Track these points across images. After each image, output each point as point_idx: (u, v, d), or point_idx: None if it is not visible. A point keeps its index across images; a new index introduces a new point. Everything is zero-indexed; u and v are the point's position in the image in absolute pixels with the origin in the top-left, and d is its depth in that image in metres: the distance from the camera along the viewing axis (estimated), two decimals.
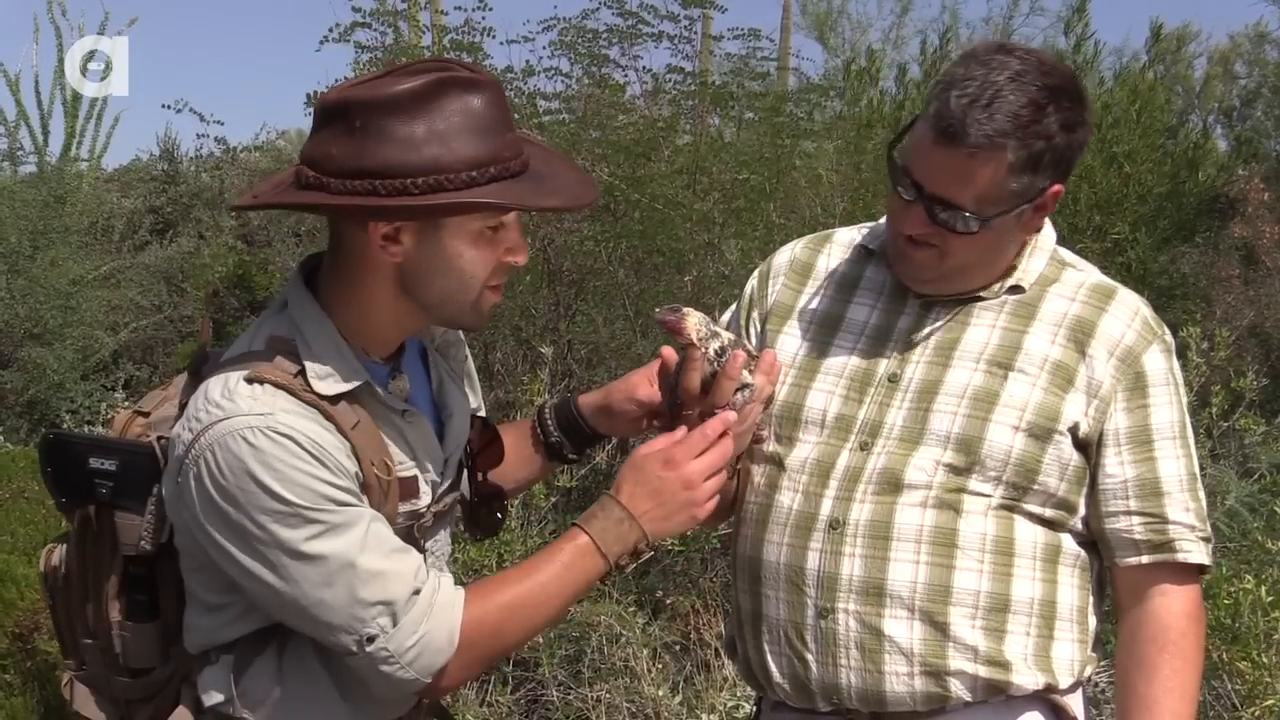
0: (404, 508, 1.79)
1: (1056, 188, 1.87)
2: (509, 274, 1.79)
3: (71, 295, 9.50)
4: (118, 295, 10.33)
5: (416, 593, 1.69)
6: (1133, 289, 2.03)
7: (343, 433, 1.70)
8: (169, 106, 7.27)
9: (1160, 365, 1.93)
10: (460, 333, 2.03)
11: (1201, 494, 1.95)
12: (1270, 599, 2.98)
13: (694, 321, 1.84)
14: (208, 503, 1.64)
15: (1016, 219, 1.86)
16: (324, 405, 1.69)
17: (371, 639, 1.67)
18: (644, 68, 6.70)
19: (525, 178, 1.71)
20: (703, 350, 1.83)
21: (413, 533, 1.82)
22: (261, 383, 1.68)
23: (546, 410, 2.15)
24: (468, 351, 2.09)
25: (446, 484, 1.91)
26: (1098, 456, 1.91)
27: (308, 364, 1.71)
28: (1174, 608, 1.91)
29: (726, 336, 1.86)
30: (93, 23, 11.62)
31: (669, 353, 1.90)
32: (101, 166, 12.24)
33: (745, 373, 1.85)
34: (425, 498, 1.84)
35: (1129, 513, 1.90)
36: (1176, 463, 1.92)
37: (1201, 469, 2.02)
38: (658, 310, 1.85)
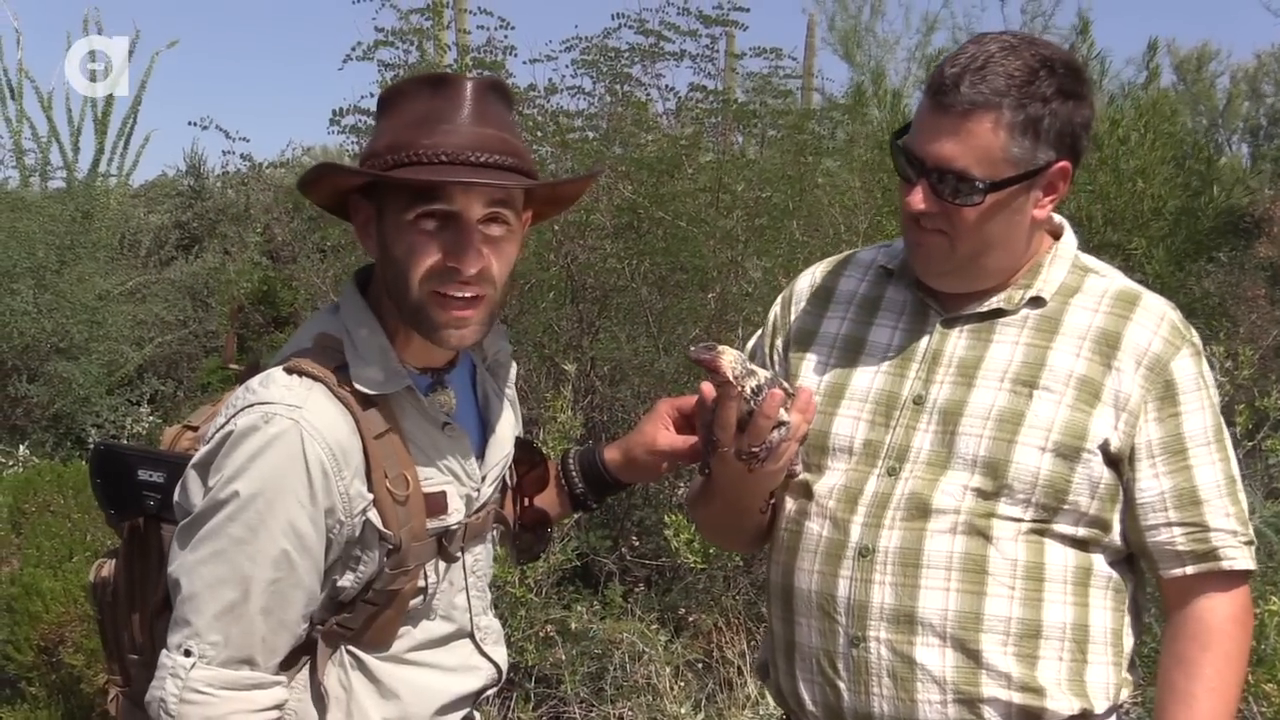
0: (432, 524, 1.81)
1: (1063, 163, 1.85)
2: (455, 281, 1.74)
3: (98, 310, 9.56)
4: (143, 310, 10.39)
5: (246, 663, 1.70)
6: None
7: (364, 438, 1.72)
8: (195, 124, 7.29)
9: (1190, 370, 1.90)
10: (509, 355, 2.04)
11: (1242, 497, 1.92)
12: None
13: (729, 360, 1.81)
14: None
15: (1023, 192, 1.84)
16: (355, 407, 1.72)
17: (188, 653, 1.69)
18: (667, 86, 6.73)
19: (460, 167, 1.72)
20: (739, 389, 1.81)
21: (442, 545, 1.83)
22: (300, 374, 1.72)
23: (570, 460, 2.15)
24: (514, 375, 2.09)
25: (482, 501, 1.92)
26: (1131, 470, 1.88)
27: (351, 362, 1.74)
28: (1220, 610, 1.89)
29: (763, 375, 1.84)
30: (125, 43, 11.69)
31: (708, 389, 1.88)
32: (128, 183, 12.33)
33: (781, 410, 1.83)
34: (456, 514, 1.85)
35: (1169, 524, 1.88)
36: (1213, 468, 1.89)
37: None
38: (692, 349, 1.84)
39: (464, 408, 1.91)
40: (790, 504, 1.98)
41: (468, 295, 1.74)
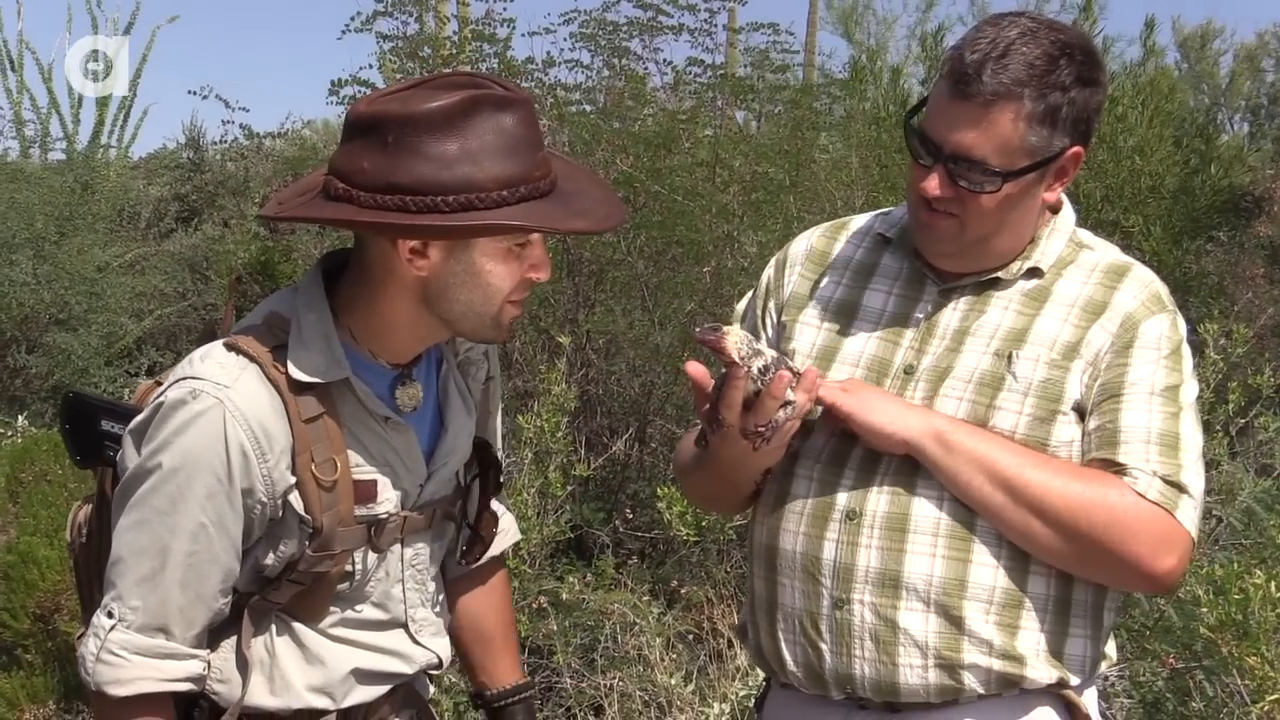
0: (360, 511, 1.81)
1: (1076, 149, 1.86)
2: (531, 289, 1.82)
3: (97, 281, 9.54)
4: (142, 282, 10.38)
5: (161, 631, 1.74)
6: None
7: (292, 422, 1.73)
8: (195, 93, 7.32)
9: (1156, 331, 1.88)
10: (485, 355, 2.04)
11: (1185, 458, 1.84)
12: None
13: (734, 340, 1.80)
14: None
15: (1038, 179, 1.85)
16: (286, 391, 1.73)
17: (110, 615, 1.73)
18: (665, 60, 6.72)
19: (553, 197, 1.74)
20: (745, 369, 1.80)
21: (369, 535, 1.84)
22: (238, 352, 1.73)
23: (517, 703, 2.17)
24: (494, 373, 2.07)
25: (426, 496, 1.92)
26: (1084, 423, 1.87)
27: (291, 345, 1.75)
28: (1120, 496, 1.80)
29: (769, 354, 1.83)
30: (127, 14, 11.76)
31: (695, 371, 1.87)
32: (128, 155, 12.34)
33: (788, 390, 1.82)
34: (386, 504, 1.85)
35: (1089, 465, 1.85)
36: (1148, 415, 1.84)
37: (1215, 464, 1.96)
38: (698, 329, 1.82)
39: (423, 401, 1.91)
40: (778, 464, 1.98)
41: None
